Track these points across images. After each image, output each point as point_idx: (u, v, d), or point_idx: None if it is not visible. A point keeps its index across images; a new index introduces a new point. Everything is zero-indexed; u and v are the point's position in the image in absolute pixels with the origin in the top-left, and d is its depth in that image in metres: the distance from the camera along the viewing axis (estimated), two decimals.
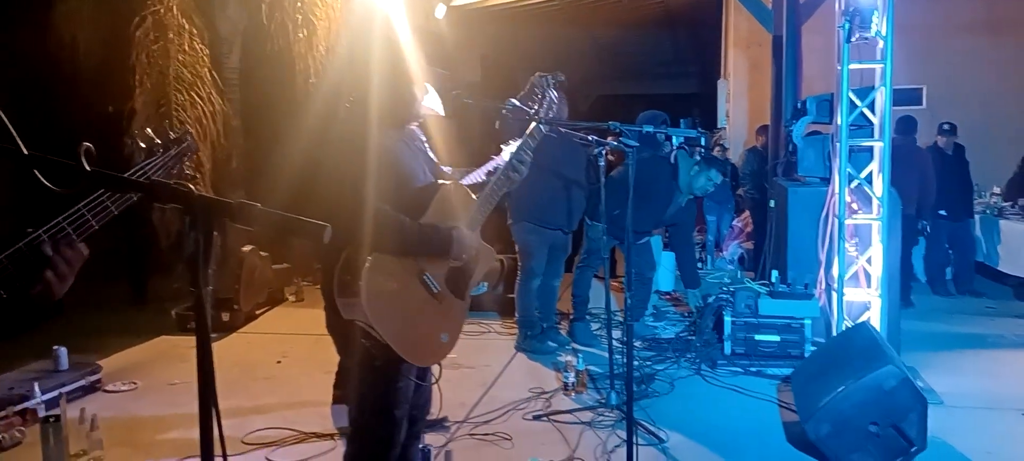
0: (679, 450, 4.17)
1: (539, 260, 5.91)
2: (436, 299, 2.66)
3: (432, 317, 2.67)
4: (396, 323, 2.51)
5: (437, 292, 2.66)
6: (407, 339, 2.54)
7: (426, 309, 2.64)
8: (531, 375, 5.44)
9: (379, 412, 2.69)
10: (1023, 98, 9.50)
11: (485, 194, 2.88)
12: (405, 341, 2.53)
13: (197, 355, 1.26)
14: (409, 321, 2.59)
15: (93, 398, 5.01)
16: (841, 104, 5.32)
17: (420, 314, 2.63)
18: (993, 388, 5.17)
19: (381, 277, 2.49)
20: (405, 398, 2.74)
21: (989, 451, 4.14)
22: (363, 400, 2.74)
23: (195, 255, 1.21)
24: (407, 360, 2.57)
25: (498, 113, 3.51)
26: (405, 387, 2.72)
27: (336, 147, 2.63)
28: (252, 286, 7.06)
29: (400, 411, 2.72)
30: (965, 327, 6.82)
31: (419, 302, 2.62)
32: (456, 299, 2.76)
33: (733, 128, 11.63)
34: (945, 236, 8.19)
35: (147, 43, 7.18)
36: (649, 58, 18.73)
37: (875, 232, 5.35)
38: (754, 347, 5.54)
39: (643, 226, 6.03)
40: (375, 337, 2.49)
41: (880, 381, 3.85)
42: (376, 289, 2.46)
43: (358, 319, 2.50)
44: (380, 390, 2.67)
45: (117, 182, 1.23)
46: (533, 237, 5.88)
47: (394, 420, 2.70)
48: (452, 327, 2.75)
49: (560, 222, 5.86)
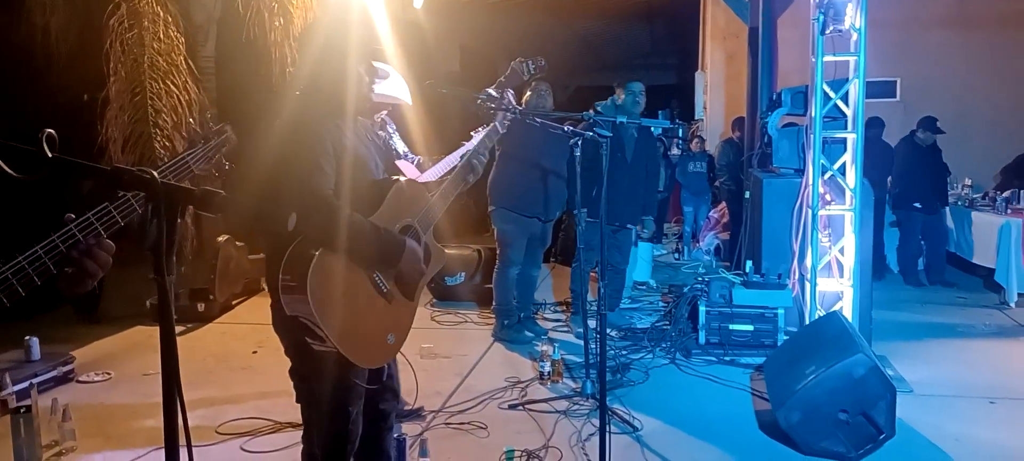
0: (653, 438, 4.21)
1: (517, 249, 5.92)
2: (384, 298, 2.58)
3: (379, 317, 2.58)
4: (342, 321, 2.41)
5: (386, 292, 2.59)
6: (352, 339, 2.45)
7: (374, 309, 2.55)
8: (507, 364, 5.46)
9: (332, 410, 2.62)
10: (994, 91, 9.63)
11: (442, 191, 2.83)
12: (350, 341, 2.44)
13: (161, 342, 1.25)
14: (355, 320, 2.48)
15: (66, 388, 4.97)
16: (815, 96, 5.37)
17: (367, 313, 2.54)
18: (962, 376, 5.26)
19: (329, 273, 2.39)
20: (358, 393, 2.66)
21: (957, 437, 4.21)
22: (314, 398, 2.66)
23: (158, 243, 1.21)
24: (351, 359, 2.47)
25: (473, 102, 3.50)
26: (357, 383, 2.65)
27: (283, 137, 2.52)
28: (228, 276, 7.03)
29: (354, 407, 2.65)
30: (936, 317, 6.92)
31: (367, 301, 2.53)
32: (405, 300, 2.68)
33: (710, 119, 11.70)
34: (919, 228, 8.30)
35: (121, 31, 7.09)
36: (628, 50, 18.79)
37: (848, 223, 5.41)
38: (728, 336, 5.59)
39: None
40: (316, 337, 2.42)
41: (850, 369, 3.90)
42: (323, 285, 2.36)
43: (300, 315, 2.41)
44: (329, 386, 2.59)
45: (77, 168, 1.23)
46: (511, 226, 5.90)
47: (348, 416, 2.63)
48: (399, 329, 2.67)
49: (537, 210, 5.87)
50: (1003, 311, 7.13)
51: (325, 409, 2.63)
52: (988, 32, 9.65)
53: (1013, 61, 9.67)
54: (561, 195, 5.95)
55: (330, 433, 2.66)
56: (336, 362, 2.52)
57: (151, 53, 7.11)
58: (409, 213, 2.68)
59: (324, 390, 2.61)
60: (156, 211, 1.21)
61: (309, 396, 2.69)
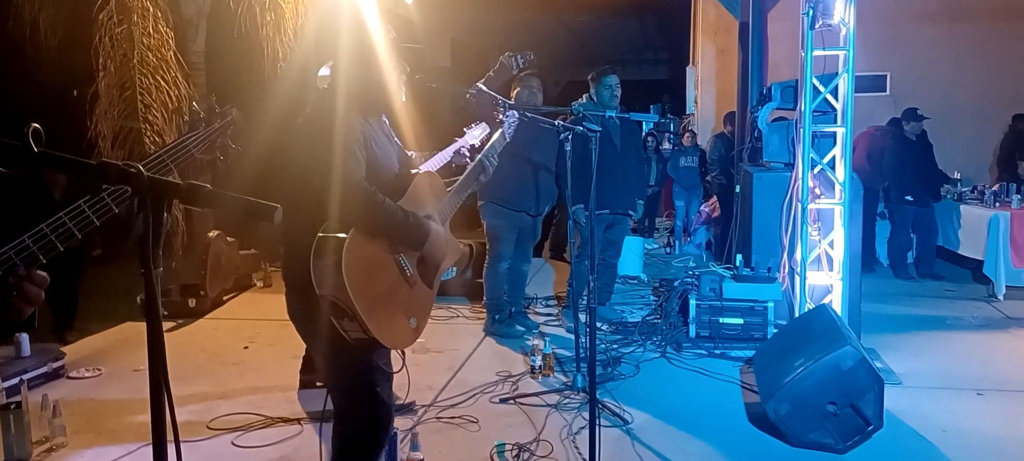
0: (643, 431, 4.23)
1: (507, 244, 5.93)
2: (407, 282, 2.66)
3: (403, 300, 2.65)
4: (371, 299, 2.48)
5: (409, 275, 2.66)
6: (380, 319, 2.51)
7: (398, 291, 2.63)
8: (499, 359, 5.47)
9: (362, 392, 2.65)
10: (983, 84, 9.68)
11: (456, 188, 2.90)
12: (378, 321, 2.49)
13: (148, 337, 1.26)
14: (383, 301, 2.56)
15: (56, 384, 4.97)
16: (805, 90, 5.39)
17: (393, 294, 2.61)
18: (950, 369, 5.30)
19: (361, 250, 2.47)
20: (384, 375, 2.72)
21: (944, 429, 4.24)
22: (342, 383, 2.69)
23: (145, 237, 1.21)
24: (377, 340, 2.52)
25: (464, 97, 3.51)
26: (382, 365, 2.70)
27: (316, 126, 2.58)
28: (219, 271, 7.02)
29: (382, 388, 2.70)
30: (925, 309, 6.96)
31: (392, 282, 2.61)
32: (425, 286, 2.76)
33: (701, 114, 11.73)
34: (910, 221, 8.34)
35: (110, 26, 7.07)
36: (620, 44, 18.82)
37: (837, 216, 5.44)
38: (718, 330, 5.62)
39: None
40: (347, 314, 2.45)
41: (838, 362, 3.93)
42: (356, 263, 2.43)
43: (328, 294, 2.44)
44: (358, 368, 2.63)
45: (64, 163, 1.23)
46: (501, 220, 5.90)
47: (379, 398, 2.67)
48: (420, 313, 2.73)
49: (527, 204, 5.88)
50: (991, 304, 7.18)
51: (356, 394, 2.66)
52: (977, 25, 9.69)
53: (1002, 54, 9.73)
54: (550, 189, 5.96)
55: (364, 418, 2.68)
56: (362, 344, 2.55)
57: (141, 48, 7.10)
58: (429, 205, 2.77)
59: (352, 373, 2.64)
60: (142, 205, 1.22)
61: (338, 381, 2.71)
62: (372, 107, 2.69)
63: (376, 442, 2.71)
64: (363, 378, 2.65)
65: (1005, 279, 7.23)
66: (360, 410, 2.67)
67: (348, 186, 2.45)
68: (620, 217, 6.31)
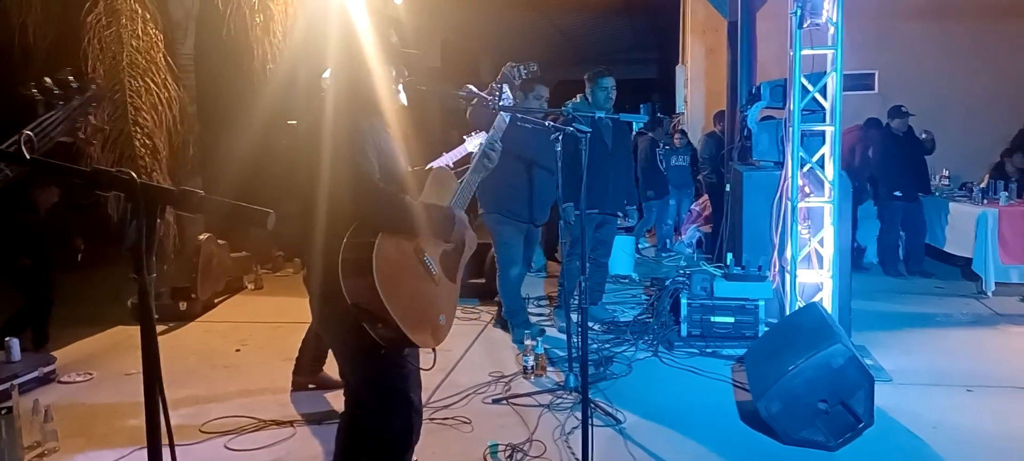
0: (636, 430, 4.24)
1: (515, 248, 5.82)
2: (433, 281, 2.67)
3: (431, 298, 2.67)
4: (404, 303, 2.48)
5: (434, 274, 2.68)
6: (413, 320, 2.52)
7: (426, 290, 2.65)
8: (491, 359, 5.48)
9: (395, 397, 2.66)
10: (971, 81, 9.72)
11: (465, 181, 2.90)
12: (412, 322, 2.50)
13: (141, 342, 1.26)
14: (414, 301, 2.57)
15: (48, 389, 4.95)
16: (793, 89, 5.41)
17: (422, 295, 2.63)
18: (940, 365, 5.33)
19: (389, 256, 2.47)
20: (417, 381, 2.76)
21: (934, 425, 4.27)
22: (376, 390, 2.68)
23: (138, 243, 1.22)
24: (413, 341, 2.53)
25: (455, 98, 3.50)
26: (415, 368, 2.74)
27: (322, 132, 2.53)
28: (210, 274, 7.00)
29: (415, 394, 2.72)
30: (915, 307, 7.01)
31: (420, 282, 2.62)
32: (449, 282, 2.78)
33: (691, 113, 11.76)
34: (899, 217, 8.39)
35: (99, 29, 7.04)
36: (610, 44, 18.85)
37: (827, 214, 5.46)
38: (710, 328, 5.63)
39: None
40: (380, 321, 2.45)
41: (828, 360, 3.95)
42: (387, 268, 2.44)
43: (362, 303, 2.43)
44: (391, 375, 2.65)
45: (56, 170, 1.23)
46: (506, 227, 5.79)
47: (412, 403, 2.69)
48: (448, 309, 2.76)
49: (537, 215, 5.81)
50: (980, 300, 7.22)
51: (391, 400, 2.66)
52: (965, 23, 9.74)
53: (990, 52, 9.77)
54: (552, 197, 5.81)
55: (400, 425, 2.68)
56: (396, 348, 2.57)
57: (130, 51, 7.07)
58: (444, 199, 2.80)
59: (388, 380, 2.65)
60: (135, 211, 1.22)
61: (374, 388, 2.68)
62: (370, 108, 2.67)
63: (409, 446, 2.75)
64: (399, 385, 2.67)
65: (994, 276, 7.28)
66: (395, 417, 2.68)
67: (365, 189, 2.44)
68: (610, 217, 6.33)
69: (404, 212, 2.54)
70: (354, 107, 2.59)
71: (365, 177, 2.45)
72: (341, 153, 2.46)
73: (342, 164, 2.45)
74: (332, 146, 2.48)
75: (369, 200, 2.44)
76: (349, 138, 2.48)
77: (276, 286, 7.70)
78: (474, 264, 7.03)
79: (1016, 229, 7.35)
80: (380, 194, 2.47)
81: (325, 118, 2.57)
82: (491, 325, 6.33)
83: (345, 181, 2.44)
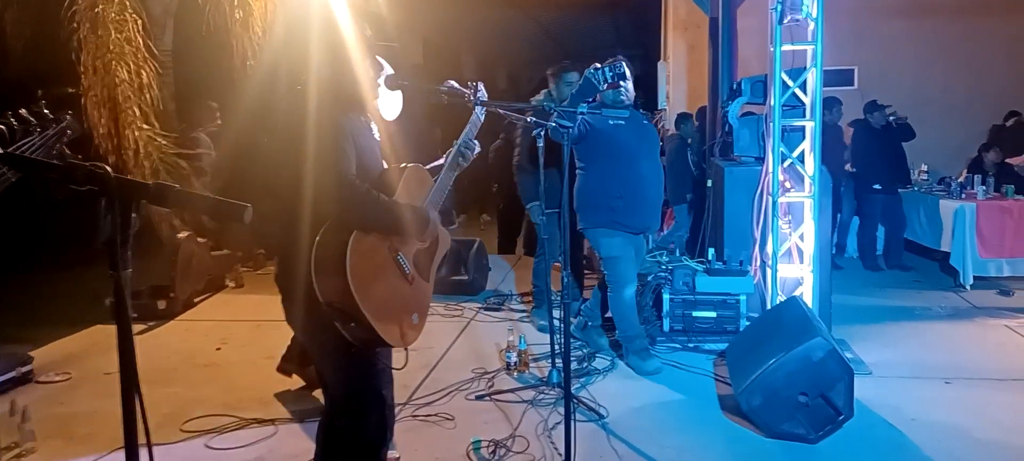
0: (619, 424, 4.25)
1: (628, 263, 5.17)
2: (407, 280, 2.68)
3: (405, 298, 2.67)
4: (377, 302, 2.49)
5: (408, 273, 2.68)
6: (386, 319, 2.52)
7: (400, 289, 2.65)
8: (474, 356, 5.47)
9: (367, 394, 2.67)
10: (950, 77, 9.81)
11: (440, 180, 2.89)
12: (384, 321, 2.51)
13: (118, 340, 1.25)
14: (387, 300, 2.57)
15: (25, 390, 4.88)
16: (774, 85, 5.44)
17: (396, 294, 2.63)
18: (919, 358, 5.39)
19: (363, 254, 2.47)
20: (389, 378, 2.78)
21: (913, 417, 4.32)
22: (349, 388, 2.69)
23: (113, 238, 1.20)
24: (386, 340, 2.53)
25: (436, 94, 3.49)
26: (387, 366, 2.76)
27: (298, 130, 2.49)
28: (189, 273, 6.94)
29: (387, 391, 2.75)
30: (894, 300, 7.07)
31: (394, 282, 2.63)
32: (423, 281, 2.78)
33: (673, 109, 11.77)
34: (879, 211, 8.46)
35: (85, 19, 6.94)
36: (591, 41, 18.84)
37: (807, 209, 5.50)
38: (692, 323, 5.66)
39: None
40: (353, 320, 2.45)
41: (808, 353, 3.98)
42: (359, 266, 2.44)
43: (335, 301, 2.43)
44: (363, 372, 2.66)
45: (28, 164, 1.21)
46: (617, 239, 5.10)
47: (383, 399, 2.71)
48: (421, 308, 2.77)
49: (649, 222, 5.30)
50: (958, 293, 7.30)
51: (363, 398, 2.67)
52: (942, 20, 9.83)
53: (968, 48, 9.87)
54: (660, 199, 5.37)
55: (374, 422, 2.70)
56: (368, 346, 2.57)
57: (117, 40, 6.98)
58: (419, 197, 2.79)
59: (359, 378, 2.66)
60: (110, 206, 1.20)
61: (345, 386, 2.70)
62: (347, 104, 2.65)
63: (382, 442, 2.78)
64: (370, 383, 2.68)
65: (971, 269, 7.36)
66: (371, 415, 2.69)
67: (342, 186, 2.44)
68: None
69: (380, 212, 2.54)
70: (333, 103, 2.56)
71: (342, 175, 2.45)
72: (320, 150, 2.44)
73: (320, 162, 2.43)
74: (313, 143, 2.46)
75: (346, 198, 2.44)
76: (327, 135, 2.47)
77: (257, 284, 7.64)
78: (454, 261, 7.02)
79: (993, 223, 7.43)
80: (357, 193, 2.47)
81: (305, 115, 2.53)
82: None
83: (324, 180, 2.43)
